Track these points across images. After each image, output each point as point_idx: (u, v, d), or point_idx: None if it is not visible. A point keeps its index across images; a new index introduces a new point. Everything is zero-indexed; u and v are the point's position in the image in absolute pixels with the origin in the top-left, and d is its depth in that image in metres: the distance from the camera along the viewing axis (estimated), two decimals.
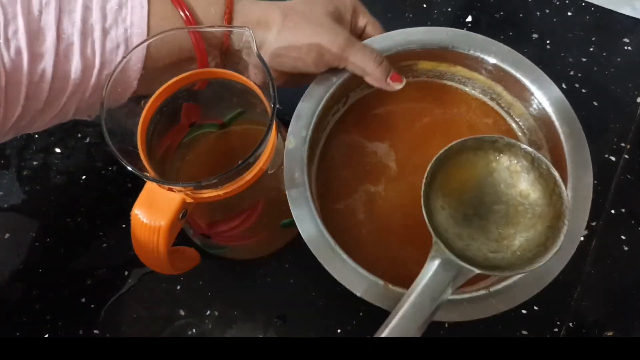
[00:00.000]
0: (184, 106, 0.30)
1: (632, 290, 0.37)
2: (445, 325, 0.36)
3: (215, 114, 0.33)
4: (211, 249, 0.36)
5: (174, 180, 0.30)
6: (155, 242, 0.26)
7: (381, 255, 0.33)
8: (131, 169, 0.24)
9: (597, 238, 0.38)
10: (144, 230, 0.25)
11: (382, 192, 0.34)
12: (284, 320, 0.36)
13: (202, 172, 0.29)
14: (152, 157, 0.27)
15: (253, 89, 0.28)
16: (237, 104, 0.32)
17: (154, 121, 0.28)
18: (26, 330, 0.36)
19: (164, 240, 0.26)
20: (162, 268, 0.28)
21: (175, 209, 0.25)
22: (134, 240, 0.27)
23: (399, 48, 0.34)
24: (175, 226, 0.26)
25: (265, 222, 0.34)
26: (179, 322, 0.36)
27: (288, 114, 0.32)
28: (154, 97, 0.28)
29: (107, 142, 0.24)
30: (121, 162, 0.24)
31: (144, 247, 0.27)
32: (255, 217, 0.31)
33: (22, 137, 0.42)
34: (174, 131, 0.31)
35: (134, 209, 0.25)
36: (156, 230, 0.25)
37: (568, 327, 0.36)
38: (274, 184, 0.31)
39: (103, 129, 0.24)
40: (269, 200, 0.32)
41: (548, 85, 0.33)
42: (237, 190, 0.27)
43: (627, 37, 0.45)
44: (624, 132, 0.41)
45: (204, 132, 0.33)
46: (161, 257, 0.27)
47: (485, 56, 0.34)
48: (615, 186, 0.40)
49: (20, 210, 0.40)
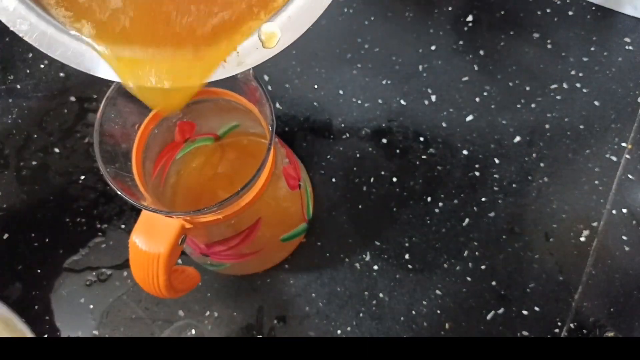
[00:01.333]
0: (178, 124, 0.30)
1: (634, 290, 0.37)
2: (445, 326, 0.36)
3: (209, 127, 0.33)
4: (210, 267, 0.36)
5: (170, 197, 0.30)
6: (155, 270, 0.26)
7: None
8: (128, 199, 0.23)
9: (598, 238, 0.38)
10: (143, 257, 0.25)
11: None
12: (284, 320, 0.36)
13: (198, 186, 0.29)
14: (147, 178, 0.27)
15: (250, 108, 0.28)
16: (231, 118, 0.32)
17: (149, 143, 0.28)
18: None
19: (164, 268, 0.26)
20: (163, 294, 0.28)
21: (175, 235, 0.25)
22: (133, 267, 0.26)
23: None
24: (175, 252, 0.26)
25: (264, 238, 0.33)
26: (179, 322, 0.36)
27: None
28: (147, 120, 0.27)
29: (103, 172, 0.24)
30: (119, 192, 0.23)
31: (144, 274, 0.26)
32: (255, 235, 0.30)
33: (21, 137, 0.42)
34: (168, 149, 0.31)
35: (132, 236, 0.25)
36: (155, 258, 0.25)
37: (569, 328, 0.36)
38: (273, 201, 0.31)
39: (97, 156, 0.24)
40: (267, 217, 0.31)
41: None
42: (237, 213, 0.27)
43: (629, 36, 0.45)
44: (625, 132, 0.41)
45: (197, 146, 0.33)
46: (161, 285, 0.27)
47: None
48: (616, 186, 0.40)
49: (19, 210, 0.40)
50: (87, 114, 0.43)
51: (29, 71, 0.45)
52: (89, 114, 0.43)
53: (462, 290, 0.37)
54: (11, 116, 0.43)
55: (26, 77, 0.45)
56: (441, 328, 0.36)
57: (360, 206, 0.39)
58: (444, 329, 0.36)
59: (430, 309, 0.36)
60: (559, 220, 0.38)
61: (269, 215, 0.31)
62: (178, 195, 0.31)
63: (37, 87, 0.44)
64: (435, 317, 0.36)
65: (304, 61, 0.44)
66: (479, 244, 0.38)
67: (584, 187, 0.39)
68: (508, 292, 0.37)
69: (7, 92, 0.44)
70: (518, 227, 0.38)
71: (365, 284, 0.37)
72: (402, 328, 0.36)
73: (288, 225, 0.33)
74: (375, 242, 0.38)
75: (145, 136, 0.28)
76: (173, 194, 0.31)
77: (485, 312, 0.36)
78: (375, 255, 0.38)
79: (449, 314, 0.36)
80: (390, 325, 0.36)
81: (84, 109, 0.43)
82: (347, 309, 0.36)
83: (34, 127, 0.43)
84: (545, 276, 0.37)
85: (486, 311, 0.36)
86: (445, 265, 0.37)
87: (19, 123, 0.43)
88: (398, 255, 0.38)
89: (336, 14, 0.46)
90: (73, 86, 0.44)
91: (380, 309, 0.36)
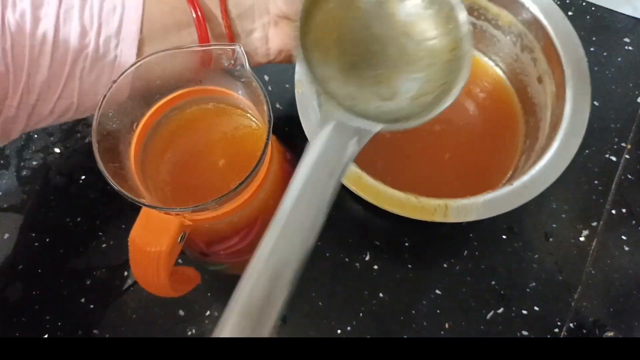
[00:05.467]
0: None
1: (633, 290, 0.37)
2: (445, 326, 0.36)
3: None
4: (210, 267, 0.36)
5: (170, 196, 0.30)
6: (156, 268, 0.26)
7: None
8: (127, 196, 0.23)
9: (598, 238, 0.38)
10: (143, 256, 0.25)
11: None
12: (284, 320, 0.36)
13: (198, 181, 0.29)
14: (145, 174, 0.27)
15: (246, 106, 0.28)
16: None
17: (147, 141, 0.28)
18: (26, 330, 0.36)
19: (165, 265, 0.26)
20: (163, 292, 0.28)
21: (174, 233, 0.25)
22: (133, 265, 0.26)
23: None
24: (175, 250, 0.26)
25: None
26: (179, 322, 0.36)
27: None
28: (146, 117, 0.27)
29: (101, 169, 0.24)
30: (116, 188, 0.23)
31: (144, 273, 0.26)
32: (254, 234, 0.30)
33: (21, 137, 0.42)
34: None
35: (132, 235, 0.25)
36: (156, 256, 0.25)
37: (569, 328, 0.36)
38: (272, 200, 0.30)
39: (96, 153, 0.24)
40: (267, 216, 0.31)
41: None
42: (235, 210, 0.27)
43: (628, 37, 0.45)
44: (625, 132, 0.41)
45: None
46: (162, 282, 0.27)
47: None
48: (615, 186, 0.40)
49: (20, 210, 0.40)
50: None
51: None
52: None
53: (462, 290, 0.37)
54: None
55: None
56: (441, 328, 0.36)
57: (361, 206, 0.39)
58: (443, 328, 0.36)
59: (430, 309, 0.36)
60: (559, 220, 0.38)
61: (269, 214, 0.31)
62: (178, 193, 0.31)
63: None
64: (435, 317, 0.36)
65: None
66: (478, 244, 0.38)
67: (583, 187, 0.39)
68: (508, 292, 0.37)
69: None
70: (517, 227, 0.38)
71: (365, 284, 0.37)
72: (402, 328, 0.36)
73: None
74: (375, 242, 0.38)
75: (144, 134, 0.28)
76: (173, 191, 0.30)
77: (485, 312, 0.36)
78: (375, 255, 0.38)
79: (449, 314, 0.36)
80: (390, 325, 0.36)
81: None
82: (347, 309, 0.36)
83: None
84: (545, 276, 0.37)
85: (486, 311, 0.36)
86: (445, 265, 0.37)
87: None
88: (398, 255, 0.38)
89: None
90: None
91: (380, 308, 0.36)
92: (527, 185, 0.30)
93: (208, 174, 0.28)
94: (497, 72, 0.40)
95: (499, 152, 0.38)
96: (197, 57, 0.27)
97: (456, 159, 0.37)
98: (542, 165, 0.30)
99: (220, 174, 0.28)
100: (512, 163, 0.37)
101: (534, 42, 0.35)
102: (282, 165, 0.30)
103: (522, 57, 0.37)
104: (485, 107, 0.39)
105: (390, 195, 0.30)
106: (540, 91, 0.36)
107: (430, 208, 0.29)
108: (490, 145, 0.38)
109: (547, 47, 0.34)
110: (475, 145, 0.38)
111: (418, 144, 0.37)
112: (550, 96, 0.34)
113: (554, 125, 0.32)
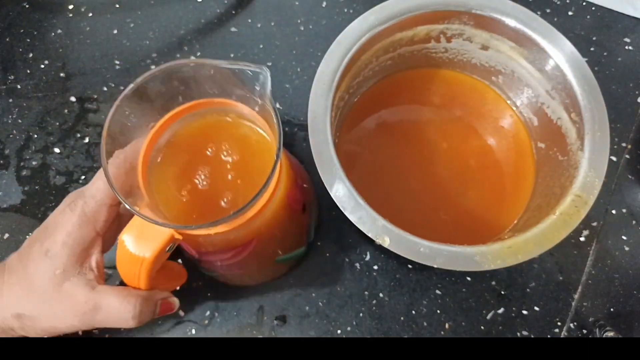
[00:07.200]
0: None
1: (633, 290, 0.37)
2: (445, 326, 0.36)
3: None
4: (205, 272, 0.35)
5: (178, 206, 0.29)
6: (138, 273, 0.26)
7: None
8: (121, 199, 0.23)
9: (598, 238, 0.38)
10: (128, 257, 0.25)
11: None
12: (284, 320, 0.36)
13: (203, 197, 0.29)
14: (151, 177, 0.27)
15: (255, 121, 0.27)
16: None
17: (159, 145, 0.28)
18: None
19: (146, 272, 0.26)
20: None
21: (163, 243, 0.25)
22: (118, 263, 0.27)
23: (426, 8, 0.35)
24: (161, 258, 0.26)
25: (258, 258, 0.32)
26: (179, 322, 0.36)
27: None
28: (153, 131, 0.27)
29: (104, 168, 0.23)
30: (112, 189, 0.23)
31: (127, 272, 0.27)
32: (247, 253, 0.30)
33: (21, 137, 0.42)
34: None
35: (122, 234, 0.25)
36: (140, 261, 0.25)
37: (569, 328, 0.36)
38: (273, 221, 0.29)
39: (102, 152, 0.24)
40: (264, 238, 0.30)
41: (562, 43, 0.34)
42: (231, 231, 0.26)
43: (628, 36, 0.45)
44: (625, 132, 0.41)
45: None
46: (142, 285, 0.28)
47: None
48: (616, 186, 0.40)
49: (19, 210, 0.40)
50: (87, 114, 0.43)
51: (29, 71, 0.45)
52: (89, 114, 0.43)
53: (462, 290, 0.37)
54: (11, 116, 0.43)
55: (26, 77, 0.45)
56: (441, 328, 0.36)
57: None
58: (443, 328, 0.36)
59: (430, 309, 0.36)
60: None
61: (266, 236, 0.30)
62: (181, 201, 0.30)
63: (37, 87, 0.44)
64: (435, 317, 0.36)
65: (304, 61, 0.44)
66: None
67: None
68: (508, 292, 0.37)
69: (7, 92, 0.44)
70: None
71: (365, 284, 0.37)
72: (402, 328, 0.36)
73: (285, 248, 0.33)
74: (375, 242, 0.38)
75: (151, 147, 0.27)
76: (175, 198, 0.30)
77: (485, 312, 0.36)
78: (375, 255, 0.38)
79: (449, 314, 0.36)
80: (390, 325, 0.36)
81: (84, 109, 0.43)
82: (347, 309, 0.36)
83: (34, 127, 0.43)
84: (545, 276, 0.37)
85: (486, 311, 0.36)
86: None
87: (19, 123, 0.43)
88: (398, 255, 0.38)
89: (336, 14, 0.46)
90: (73, 86, 0.44)
91: (380, 308, 0.36)
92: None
93: (215, 185, 0.28)
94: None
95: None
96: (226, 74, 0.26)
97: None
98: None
99: (227, 185, 0.28)
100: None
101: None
102: (290, 191, 0.29)
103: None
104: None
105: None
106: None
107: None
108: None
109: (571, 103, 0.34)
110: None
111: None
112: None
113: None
